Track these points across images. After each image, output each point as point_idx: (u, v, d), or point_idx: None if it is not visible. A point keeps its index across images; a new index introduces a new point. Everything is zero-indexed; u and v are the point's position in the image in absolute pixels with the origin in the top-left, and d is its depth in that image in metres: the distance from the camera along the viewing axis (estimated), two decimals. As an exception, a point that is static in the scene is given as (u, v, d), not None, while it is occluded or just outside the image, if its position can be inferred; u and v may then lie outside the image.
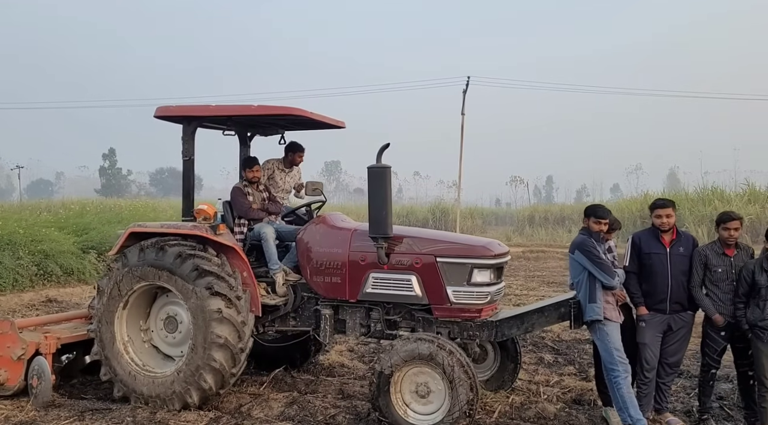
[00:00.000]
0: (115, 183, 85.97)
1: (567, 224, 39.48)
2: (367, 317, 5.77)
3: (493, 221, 52.75)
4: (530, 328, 5.39)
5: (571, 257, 5.06)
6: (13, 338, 5.95)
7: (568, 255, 5.17)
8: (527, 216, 45.47)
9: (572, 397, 5.97)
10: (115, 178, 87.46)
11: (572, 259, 5.05)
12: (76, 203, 25.64)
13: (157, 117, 6.17)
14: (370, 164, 5.44)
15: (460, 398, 4.77)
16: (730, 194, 30.57)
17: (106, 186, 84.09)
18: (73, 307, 11.44)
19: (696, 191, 32.18)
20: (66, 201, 38.66)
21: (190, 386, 5.51)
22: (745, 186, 31.36)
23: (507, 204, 75.10)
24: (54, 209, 24.90)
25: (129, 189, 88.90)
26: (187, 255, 5.59)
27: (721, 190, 31.67)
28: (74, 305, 11.62)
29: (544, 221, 42.02)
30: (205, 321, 5.47)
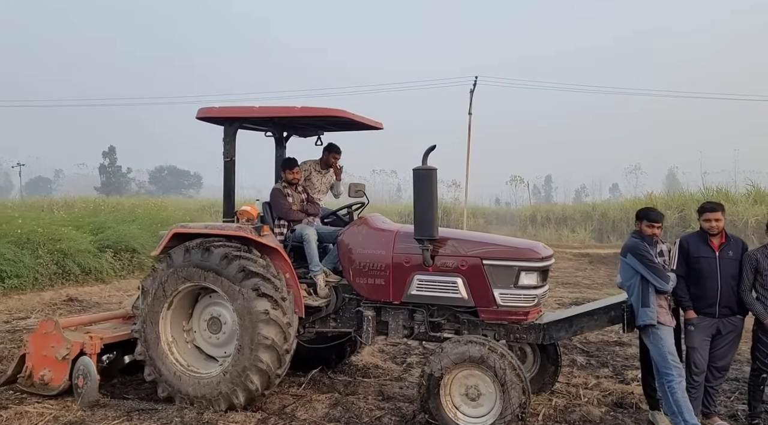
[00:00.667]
0: (115, 181, 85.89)
1: (570, 224, 39.58)
2: (410, 319, 5.80)
3: (494, 221, 52.87)
4: (579, 331, 5.43)
5: (623, 260, 5.09)
6: (57, 338, 5.98)
7: (619, 258, 5.19)
8: (529, 216, 45.67)
9: (613, 400, 6.01)
10: (115, 176, 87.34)
11: (624, 262, 5.08)
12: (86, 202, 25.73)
13: (199, 118, 6.19)
14: (416, 166, 5.46)
15: (512, 401, 4.81)
16: (736, 195, 30.63)
17: (106, 184, 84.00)
18: (94, 306, 11.49)
19: (701, 192, 32.19)
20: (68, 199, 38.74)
21: (236, 387, 5.54)
22: (750, 187, 31.46)
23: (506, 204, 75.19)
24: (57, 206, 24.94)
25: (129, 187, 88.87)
26: (234, 256, 5.61)
27: (726, 190, 31.76)
28: (95, 305, 11.67)
29: (546, 221, 42.15)
30: (251, 322, 5.50)
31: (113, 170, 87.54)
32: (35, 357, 6.07)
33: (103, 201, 32.33)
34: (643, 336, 5.03)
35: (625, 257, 5.04)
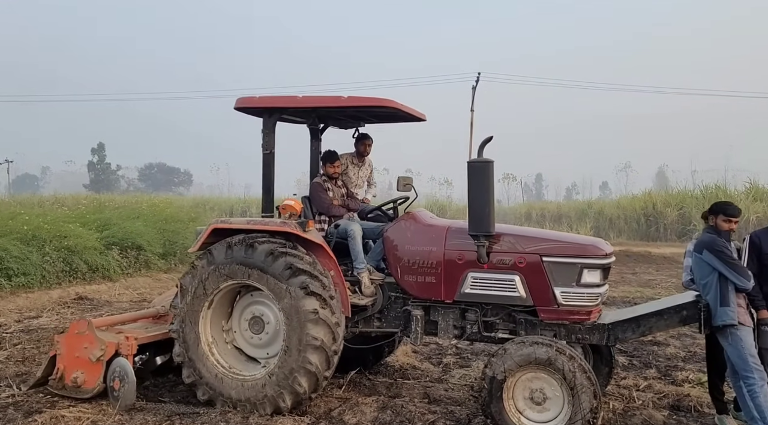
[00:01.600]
0: (105, 178, 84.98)
1: (566, 221, 39.52)
2: (462, 318, 5.57)
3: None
4: (647, 332, 5.21)
5: (698, 257, 4.87)
6: (90, 338, 5.70)
7: (695, 255, 4.96)
8: (524, 213, 45.61)
9: (669, 403, 5.81)
10: (104, 173, 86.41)
11: (699, 259, 4.86)
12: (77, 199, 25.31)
13: (238, 109, 5.93)
14: (471, 159, 5.25)
15: (583, 406, 4.58)
16: (734, 192, 30.66)
17: (95, 181, 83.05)
18: (104, 305, 11.19)
19: (700, 190, 32.22)
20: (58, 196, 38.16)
21: (283, 389, 5.29)
22: (748, 184, 31.52)
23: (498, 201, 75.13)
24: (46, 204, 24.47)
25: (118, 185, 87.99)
26: (280, 253, 5.35)
27: (725, 188, 31.80)
28: (106, 303, 11.36)
29: (541, 219, 42.10)
30: (300, 322, 5.24)
31: (102, 167, 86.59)
32: (67, 359, 5.78)
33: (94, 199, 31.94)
34: (720, 337, 4.81)
35: (701, 254, 4.82)
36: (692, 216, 28.97)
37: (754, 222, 27.49)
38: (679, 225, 29.12)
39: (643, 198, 34.67)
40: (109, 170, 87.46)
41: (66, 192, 48.51)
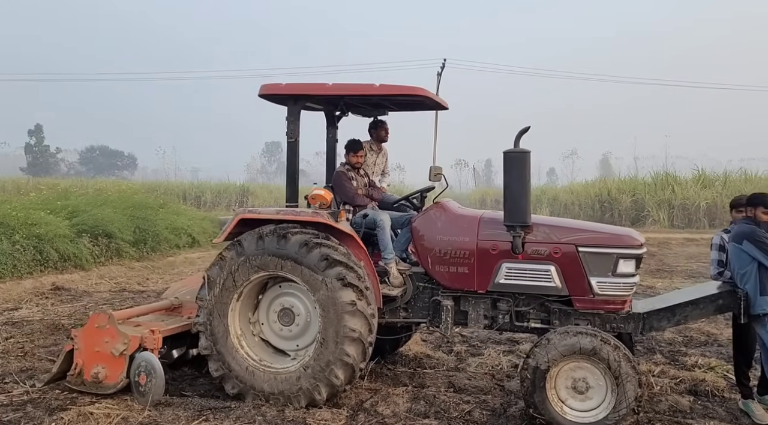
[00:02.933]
0: (43, 161, 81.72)
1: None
2: (493, 308, 5.60)
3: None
4: (682, 321, 5.34)
5: (737, 247, 5.00)
6: (112, 332, 5.49)
7: (733, 246, 5.10)
8: (478, 199, 46.30)
9: (686, 388, 5.98)
10: (42, 156, 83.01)
11: (738, 249, 5.00)
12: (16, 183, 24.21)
13: (262, 96, 5.77)
14: (507, 149, 5.26)
15: (628, 394, 4.68)
16: (685, 179, 31.77)
17: (33, 165, 79.86)
18: (83, 295, 10.83)
19: (653, 177, 33.26)
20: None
21: (319, 382, 5.22)
22: (696, 171, 32.70)
23: (450, 188, 75.80)
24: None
25: (57, 168, 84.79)
26: (314, 244, 5.26)
27: (676, 175, 32.91)
28: (84, 294, 10.98)
29: (496, 204, 42.74)
30: (337, 313, 5.17)
31: (40, 150, 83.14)
32: (86, 353, 5.55)
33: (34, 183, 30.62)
34: (757, 326, 4.98)
35: (741, 244, 4.96)
36: (645, 202, 29.90)
37: (704, 209, 28.64)
38: (633, 211, 29.99)
39: (597, 185, 35.57)
40: (48, 153, 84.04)
41: (1, 176, 46.31)
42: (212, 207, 38.58)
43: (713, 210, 28.60)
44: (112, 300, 10.43)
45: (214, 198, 41.93)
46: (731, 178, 31.06)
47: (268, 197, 43.03)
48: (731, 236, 5.14)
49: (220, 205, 40.31)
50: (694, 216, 28.35)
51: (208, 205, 39.10)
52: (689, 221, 28.20)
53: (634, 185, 32.55)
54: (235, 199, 41.51)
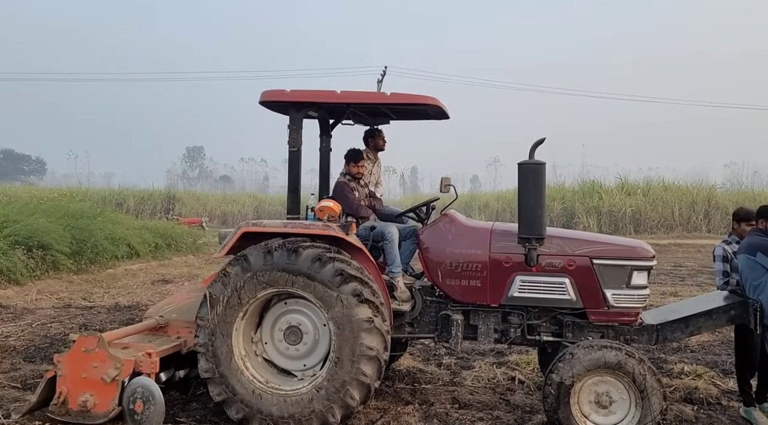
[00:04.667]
0: (-61, 165, 76.35)
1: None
2: (503, 322, 5.52)
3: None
4: (695, 332, 5.41)
5: (749, 258, 5.12)
6: (102, 356, 5.03)
7: (745, 257, 5.21)
8: (409, 206, 46.53)
9: (682, 396, 6.10)
10: (-62, 159, 77.58)
11: (750, 261, 5.11)
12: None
13: (263, 103, 5.48)
14: (522, 160, 5.21)
15: (653, 407, 4.68)
16: (610, 187, 33.10)
17: (-74, 168, 74.41)
18: (24, 313, 9.98)
19: (580, 185, 34.47)
20: None
21: (333, 404, 4.96)
22: (619, 179, 34.15)
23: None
24: None
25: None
26: (328, 259, 5.01)
27: (600, 183, 34.25)
28: (25, 311, 10.13)
29: (428, 212, 43.13)
30: (353, 331, 4.94)
31: (-63, 154, 77.64)
32: (71, 380, 5.06)
33: None
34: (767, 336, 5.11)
35: (754, 256, 5.08)
36: (575, 209, 30.92)
37: (629, 215, 29.91)
38: (564, 218, 30.91)
39: (514, 192, 36.52)
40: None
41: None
42: (136, 215, 36.88)
43: (637, 216, 29.92)
44: (59, 318, 9.69)
45: (137, 205, 40.17)
46: (652, 186, 32.59)
47: (195, 204, 41.72)
48: (743, 248, 5.26)
49: (144, 212, 38.68)
50: (620, 223, 29.54)
51: (131, 212, 37.34)
52: (616, 228, 29.35)
53: (563, 193, 33.58)
54: (160, 206, 39.95)
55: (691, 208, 30.45)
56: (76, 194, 37.21)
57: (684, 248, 23.83)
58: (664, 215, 30.16)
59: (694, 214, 30.26)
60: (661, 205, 30.38)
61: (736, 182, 39.99)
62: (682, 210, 30.27)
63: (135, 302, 11.10)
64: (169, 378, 5.67)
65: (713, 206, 30.43)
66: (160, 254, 17.51)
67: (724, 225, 28.63)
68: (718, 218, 29.84)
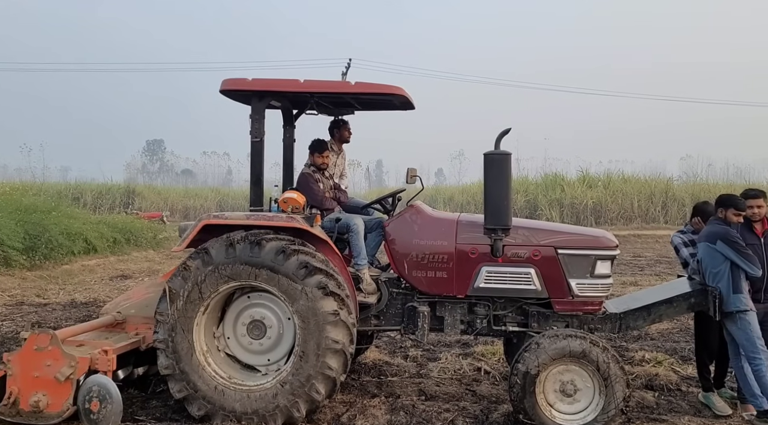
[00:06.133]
0: None
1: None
2: (470, 313, 5.50)
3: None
4: (657, 319, 5.47)
5: (710, 247, 5.17)
6: (55, 354, 4.85)
7: (705, 245, 5.27)
8: (375, 199, 46.50)
9: (643, 383, 6.18)
10: None
11: (711, 249, 5.16)
12: None
13: (224, 91, 5.34)
14: (488, 151, 5.18)
15: (617, 395, 4.72)
16: (572, 180, 33.61)
17: None
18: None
19: (543, 178, 34.93)
20: None
21: (298, 398, 4.88)
22: (580, 172, 34.71)
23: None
24: None
25: None
26: (292, 251, 4.91)
27: (562, 176, 34.77)
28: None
29: (396, 204, 43.14)
30: (318, 324, 4.86)
31: None
32: (22, 380, 4.86)
33: None
34: (728, 322, 5.17)
35: (714, 244, 5.13)
36: (538, 201, 31.32)
37: (590, 207, 30.42)
38: (527, 210, 31.25)
39: (479, 185, 36.80)
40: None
41: None
42: (94, 210, 36.00)
43: (598, 208, 30.47)
44: (10, 315, 9.37)
45: (95, 200, 39.24)
46: (612, 179, 33.20)
47: (156, 199, 40.92)
48: (703, 236, 5.32)
49: (102, 207, 37.80)
50: (582, 214, 30.02)
51: (88, 207, 36.42)
52: (578, 219, 29.81)
53: (526, 185, 33.97)
54: (119, 200, 39.07)
55: (649, 200, 31.15)
56: (30, 188, 36.28)
57: (643, 238, 24.33)
58: (623, 206, 30.79)
59: (653, 206, 30.96)
60: (621, 197, 31.01)
61: (691, 174, 41.02)
62: (641, 202, 30.95)
63: (92, 299, 10.81)
64: (128, 375, 5.50)
65: (670, 197, 31.18)
66: (118, 250, 17.12)
67: (680, 216, 29.34)
68: (675, 210, 30.57)
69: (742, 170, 52.70)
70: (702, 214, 5.72)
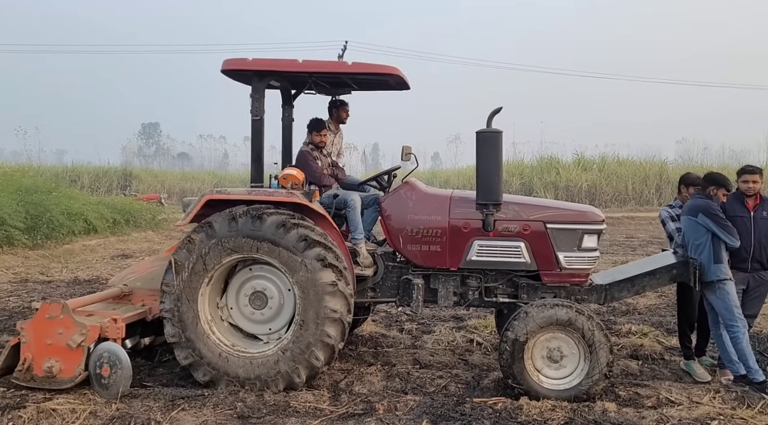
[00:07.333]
0: None
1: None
2: (462, 285, 5.74)
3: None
4: (640, 291, 5.73)
5: (692, 220, 5.42)
6: (67, 322, 5.08)
7: (687, 218, 5.52)
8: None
9: (628, 353, 6.45)
10: None
11: (693, 222, 5.41)
12: None
13: (225, 71, 5.53)
14: (480, 129, 5.39)
15: (601, 361, 4.98)
16: (567, 163, 33.85)
17: None
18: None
19: (538, 161, 35.15)
20: None
21: (299, 364, 5.13)
22: (576, 155, 34.92)
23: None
24: None
25: None
26: (292, 224, 5.13)
27: (558, 159, 35.00)
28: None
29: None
30: (317, 295, 5.10)
31: None
32: (36, 347, 5.10)
33: None
34: (707, 292, 5.44)
35: (696, 217, 5.39)
36: (533, 184, 31.56)
37: (585, 190, 30.68)
38: (522, 193, 31.48)
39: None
40: None
41: None
42: (91, 192, 36.12)
43: (593, 191, 30.74)
44: (16, 292, 9.61)
45: (92, 182, 39.37)
46: (607, 162, 33.42)
47: (153, 182, 41.11)
48: (686, 210, 5.57)
49: (99, 189, 37.93)
50: (577, 197, 30.25)
51: (86, 189, 36.54)
52: (572, 202, 30.00)
53: (521, 168, 34.21)
54: (117, 183, 39.20)
55: (643, 182, 31.41)
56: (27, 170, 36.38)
57: (636, 220, 24.63)
58: (618, 189, 31.06)
59: (647, 188, 31.23)
60: (616, 180, 31.27)
61: (687, 157, 41.31)
62: (635, 185, 31.21)
63: (95, 277, 11.04)
64: (134, 345, 5.75)
65: (664, 180, 31.44)
66: (118, 230, 17.33)
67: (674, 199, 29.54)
68: (669, 192, 30.82)
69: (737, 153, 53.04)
70: (693, 183, 5.94)
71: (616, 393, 5.20)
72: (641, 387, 5.34)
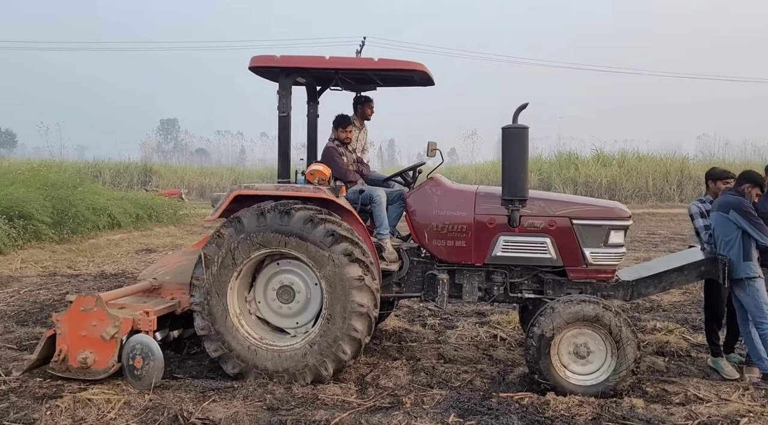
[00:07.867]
0: None
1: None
2: (487, 280, 5.77)
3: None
4: (668, 287, 5.72)
5: (723, 216, 5.40)
6: (101, 315, 5.19)
7: (718, 215, 5.50)
8: (391, 176, 46.69)
9: (654, 350, 6.44)
10: None
11: (724, 218, 5.39)
12: None
13: (253, 68, 5.59)
14: (506, 125, 5.40)
15: (628, 357, 4.98)
16: (586, 159, 33.61)
17: None
18: (9, 281, 10.01)
19: (557, 156, 34.94)
20: None
21: (326, 358, 5.20)
22: (595, 151, 34.66)
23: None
24: None
25: None
26: (320, 220, 5.19)
27: (576, 155, 34.75)
28: (11, 279, 10.16)
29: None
30: (344, 289, 5.16)
31: None
32: (71, 338, 5.22)
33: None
34: (737, 289, 5.42)
35: (727, 214, 5.37)
36: (552, 180, 31.41)
37: (605, 186, 30.47)
38: (541, 189, 31.27)
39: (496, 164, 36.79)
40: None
41: None
42: (113, 187, 36.55)
43: (613, 187, 30.51)
44: (45, 285, 9.78)
45: (113, 178, 39.88)
46: (627, 157, 33.13)
47: (172, 177, 41.44)
48: (716, 206, 5.55)
49: (121, 184, 38.37)
50: (596, 193, 30.03)
51: (107, 184, 36.96)
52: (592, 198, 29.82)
53: (539, 164, 34.01)
54: (137, 179, 39.65)
55: (664, 178, 31.10)
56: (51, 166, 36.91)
57: (657, 217, 24.42)
58: (638, 185, 30.79)
59: (668, 184, 30.93)
60: (636, 175, 30.99)
61: (708, 153, 40.79)
62: (655, 180, 30.92)
63: (120, 271, 11.21)
64: (164, 337, 5.84)
65: (686, 176, 31.13)
66: (141, 225, 17.54)
67: (696, 195, 29.28)
68: (690, 188, 30.52)
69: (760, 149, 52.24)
70: (720, 177, 5.91)
71: (643, 390, 5.19)
72: (668, 384, 5.33)
